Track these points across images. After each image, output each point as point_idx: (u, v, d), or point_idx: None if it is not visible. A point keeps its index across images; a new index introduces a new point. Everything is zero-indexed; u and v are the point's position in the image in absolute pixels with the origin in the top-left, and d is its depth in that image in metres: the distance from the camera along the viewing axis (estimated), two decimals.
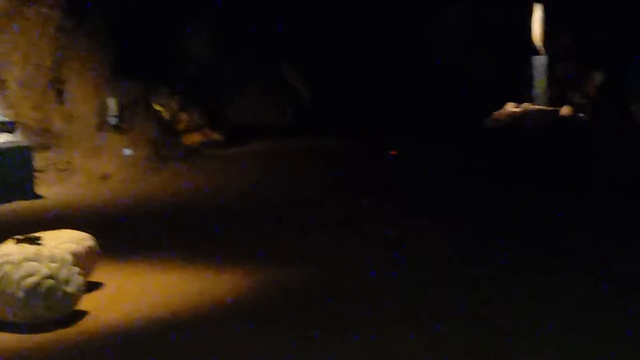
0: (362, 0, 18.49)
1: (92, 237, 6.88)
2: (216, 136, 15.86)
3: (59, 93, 13.40)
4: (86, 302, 6.31)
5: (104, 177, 12.64)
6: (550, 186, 10.59)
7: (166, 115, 15.32)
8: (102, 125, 13.44)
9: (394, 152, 13.83)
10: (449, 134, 14.67)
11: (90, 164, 12.84)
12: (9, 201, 11.01)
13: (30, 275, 5.80)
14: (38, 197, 11.37)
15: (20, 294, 5.77)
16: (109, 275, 7.24)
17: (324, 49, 18.15)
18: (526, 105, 15.17)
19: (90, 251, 6.74)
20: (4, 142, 11.68)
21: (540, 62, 15.48)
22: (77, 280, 6.05)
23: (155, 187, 12.16)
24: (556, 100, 15.19)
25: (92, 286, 6.80)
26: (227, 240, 8.66)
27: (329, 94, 18.28)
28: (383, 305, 6.30)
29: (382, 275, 7.15)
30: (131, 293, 6.85)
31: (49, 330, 5.86)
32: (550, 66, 15.38)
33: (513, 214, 9.32)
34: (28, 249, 5.94)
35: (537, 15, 15.68)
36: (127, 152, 13.13)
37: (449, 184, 11.24)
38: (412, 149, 14.03)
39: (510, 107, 15.24)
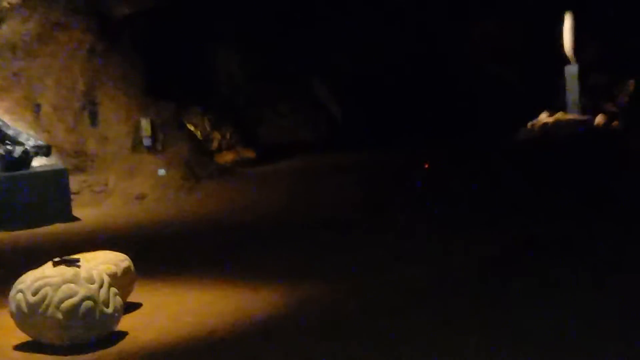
0: (392, 15, 18.49)
1: (129, 257, 6.91)
2: (248, 154, 15.90)
3: (93, 115, 13.51)
4: (124, 323, 6.32)
5: (139, 198, 12.71)
6: (586, 197, 10.48)
7: (199, 134, 15.39)
8: (136, 146, 13.53)
9: (426, 166, 13.79)
10: (482, 145, 14.60)
11: (125, 185, 12.92)
12: (47, 224, 11.11)
13: (69, 297, 5.83)
14: (75, 219, 11.46)
15: (60, 315, 5.80)
16: (146, 295, 7.26)
17: (354, 65, 18.17)
18: (559, 115, 15.09)
19: (127, 272, 6.77)
20: (40, 166, 11.80)
21: (571, 71, 15.40)
22: (116, 301, 6.07)
23: (190, 206, 12.20)
24: (589, 109, 15.10)
25: (130, 306, 6.83)
26: (262, 258, 8.66)
27: (360, 110, 18.28)
28: (417, 319, 6.26)
29: (414, 290, 7.11)
30: (169, 313, 6.86)
31: (88, 352, 5.87)
32: (582, 75, 15.29)
33: (551, 227, 9.22)
34: (66, 270, 5.97)
35: (568, 24, 15.62)
36: (161, 172, 13.20)
37: (483, 198, 11.16)
38: (445, 162, 13.96)
39: (544, 117, 15.17)
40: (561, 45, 15.78)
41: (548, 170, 12.42)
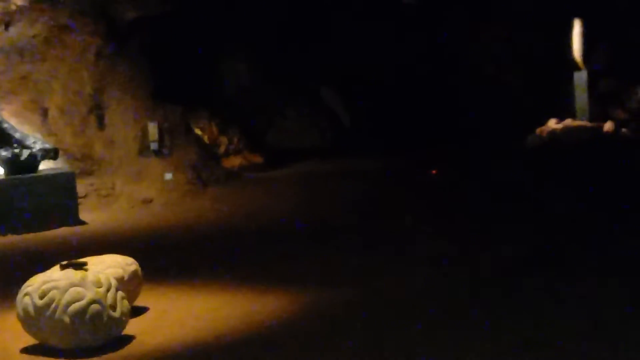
0: (400, 22, 18.48)
1: (136, 261, 6.89)
2: (256, 159, 15.88)
3: (100, 119, 13.52)
4: (131, 327, 6.30)
5: (146, 202, 12.70)
6: (595, 204, 10.44)
7: (206, 139, 15.38)
8: (143, 150, 13.52)
9: (434, 172, 13.76)
10: (490, 152, 14.57)
11: (132, 189, 12.91)
12: (54, 227, 11.11)
13: (76, 300, 5.81)
14: (82, 222, 11.45)
15: (67, 319, 5.77)
16: (153, 299, 7.24)
17: (362, 71, 18.16)
18: (568, 122, 15.05)
19: (134, 275, 6.75)
20: (47, 169, 11.79)
21: (580, 77, 15.36)
22: (123, 304, 6.05)
23: (196, 210, 12.18)
24: (598, 115, 15.05)
25: (137, 310, 6.81)
26: (269, 263, 8.64)
27: (367, 115, 18.26)
28: (422, 327, 6.21)
29: (424, 296, 7.07)
30: (175, 317, 6.83)
31: (95, 356, 5.85)
32: (591, 81, 15.25)
33: (558, 235, 9.17)
34: (73, 274, 5.95)
35: (577, 30, 15.59)
36: (168, 176, 13.19)
37: (491, 203, 11.11)
38: (453, 168, 13.93)
39: (552, 123, 15.13)
40: (570, 52, 15.75)
41: (557, 176, 12.38)
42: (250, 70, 17.37)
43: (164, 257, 9.16)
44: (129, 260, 6.84)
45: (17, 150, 11.42)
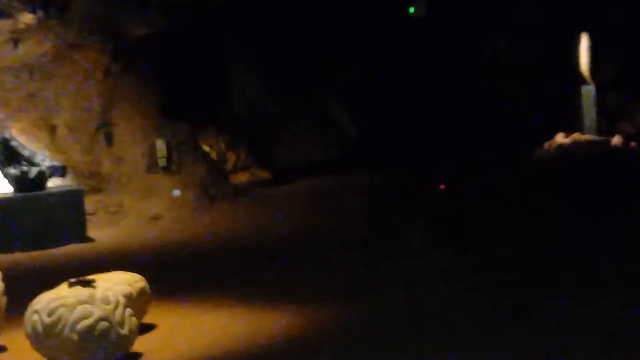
0: (406, 34, 18.50)
1: (144, 278, 6.88)
2: (264, 175, 15.86)
3: (108, 136, 13.53)
4: (140, 344, 6.29)
5: (154, 219, 12.70)
6: (604, 218, 10.40)
7: (214, 155, 15.38)
8: (151, 167, 13.54)
9: (442, 187, 13.72)
10: (498, 166, 14.54)
11: (140, 206, 12.92)
12: (62, 244, 11.11)
13: (85, 318, 5.81)
14: (90, 239, 11.46)
15: (75, 336, 5.77)
16: (161, 316, 7.23)
17: (369, 84, 18.17)
18: (576, 136, 15.00)
19: (142, 292, 6.74)
20: (55, 187, 11.81)
21: (588, 91, 15.31)
22: (131, 322, 6.04)
23: (205, 227, 12.18)
24: (606, 130, 15.00)
25: (145, 328, 6.80)
26: (278, 279, 8.63)
27: (375, 129, 18.25)
28: (429, 348, 6.18)
29: (428, 313, 7.05)
30: (184, 334, 6.83)
31: None
32: (599, 95, 15.21)
33: (562, 248, 9.14)
34: (82, 291, 5.95)
35: (584, 44, 15.57)
36: (177, 193, 13.19)
37: (498, 219, 11.08)
38: (461, 182, 13.90)
39: (560, 137, 15.08)
40: (578, 66, 15.72)
41: (566, 190, 12.35)
42: (258, 85, 17.39)
43: (172, 274, 9.15)
44: (137, 277, 6.83)
45: (25, 168, 11.43)
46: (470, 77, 18.16)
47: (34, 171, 11.42)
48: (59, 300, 5.90)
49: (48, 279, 7.80)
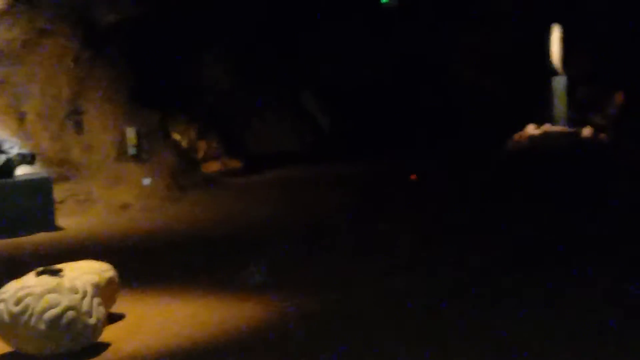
0: (379, 25, 18.50)
1: (113, 267, 6.84)
2: (234, 164, 15.85)
3: (78, 124, 13.43)
4: (108, 333, 6.26)
5: (124, 207, 12.64)
6: (572, 208, 10.45)
7: (184, 144, 15.33)
8: (121, 155, 13.46)
9: (413, 177, 13.75)
10: (469, 157, 14.58)
11: (110, 194, 12.84)
12: (30, 233, 11.02)
13: (52, 307, 5.76)
14: (59, 228, 11.37)
15: (42, 326, 5.73)
16: (130, 305, 7.20)
17: (340, 75, 18.17)
18: (546, 127, 15.06)
19: (111, 282, 6.69)
20: (24, 174, 11.70)
21: (559, 83, 15.37)
22: (99, 311, 6.00)
23: (175, 216, 12.14)
24: (577, 121, 15.07)
25: (113, 317, 6.77)
26: (247, 268, 8.59)
27: (347, 120, 18.27)
28: (402, 337, 6.19)
29: (399, 301, 7.06)
30: (152, 323, 6.80)
31: None
32: (570, 87, 15.27)
33: (533, 238, 9.18)
34: (49, 280, 5.90)
35: (556, 35, 15.61)
36: (146, 181, 13.13)
37: (468, 208, 11.12)
38: (432, 173, 13.94)
39: (531, 129, 15.13)
40: (549, 57, 15.77)
41: (536, 181, 12.40)
42: (229, 75, 17.33)
43: (141, 263, 9.10)
44: (106, 266, 6.79)
45: None
46: (443, 68, 18.20)
47: (1, 158, 11.32)
48: (26, 290, 5.85)
49: (15, 267, 7.75)
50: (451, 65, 18.11)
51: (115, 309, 6.92)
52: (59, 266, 6.25)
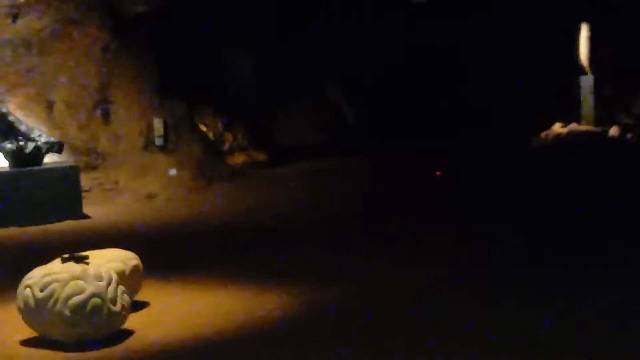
0: (406, 18, 18.47)
1: (138, 256, 6.89)
2: (260, 156, 15.88)
3: (106, 113, 13.51)
4: (132, 321, 6.30)
5: (150, 197, 12.71)
6: (598, 207, 10.42)
7: (211, 135, 15.38)
8: (147, 145, 13.53)
9: (438, 173, 13.73)
10: (495, 154, 14.56)
11: (136, 184, 12.92)
12: (57, 220, 11.12)
13: (77, 294, 5.81)
14: (85, 216, 11.46)
15: (67, 312, 5.78)
16: (154, 294, 7.24)
17: (365, 67, 18.17)
18: (573, 126, 15.02)
19: (135, 270, 6.75)
20: (51, 163, 11.80)
21: (587, 81, 15.32)
22: (123, 299, 6.05)
23: (200, 207, 12.19)
24: (604, 120, 15.01)
25: (137, 305, 6.81)
26: (271, 259, 8.63)
27: (372, 111, 18.27)
28: (423, 327, 6.19)
29: (421, 296, 7.06)
30: (176, 312, 6.83)
31: (95, 349, 5.85)
32: (597, 86, 15.21)
33: (556, 236, 9.15)
34: (75, 267, 5.95)
35: (584, 34, 15.55)
36: (172, 172, 13.20)
37: (492, 205, 11.11)
38: (457, 169, 13.92)
39: (558, 127, 15.10)
40: (577, 56, 15.72)
41: (561, 179, 12.37)
42: (256, 67, 17.37)
43: (166, 252, 9.16)
44: (131, 254, 6.84)
45: (22, 143, 11.42)
46: (471, 63, 18.16)
47: (30, 146, 11.41)
48: (51, 276, 5.90)
49: (42, 254, 7.82)
50: (479, 62, 18.07)
51: (140, 297, 6.96)
52: (84, 253, 6.30)
